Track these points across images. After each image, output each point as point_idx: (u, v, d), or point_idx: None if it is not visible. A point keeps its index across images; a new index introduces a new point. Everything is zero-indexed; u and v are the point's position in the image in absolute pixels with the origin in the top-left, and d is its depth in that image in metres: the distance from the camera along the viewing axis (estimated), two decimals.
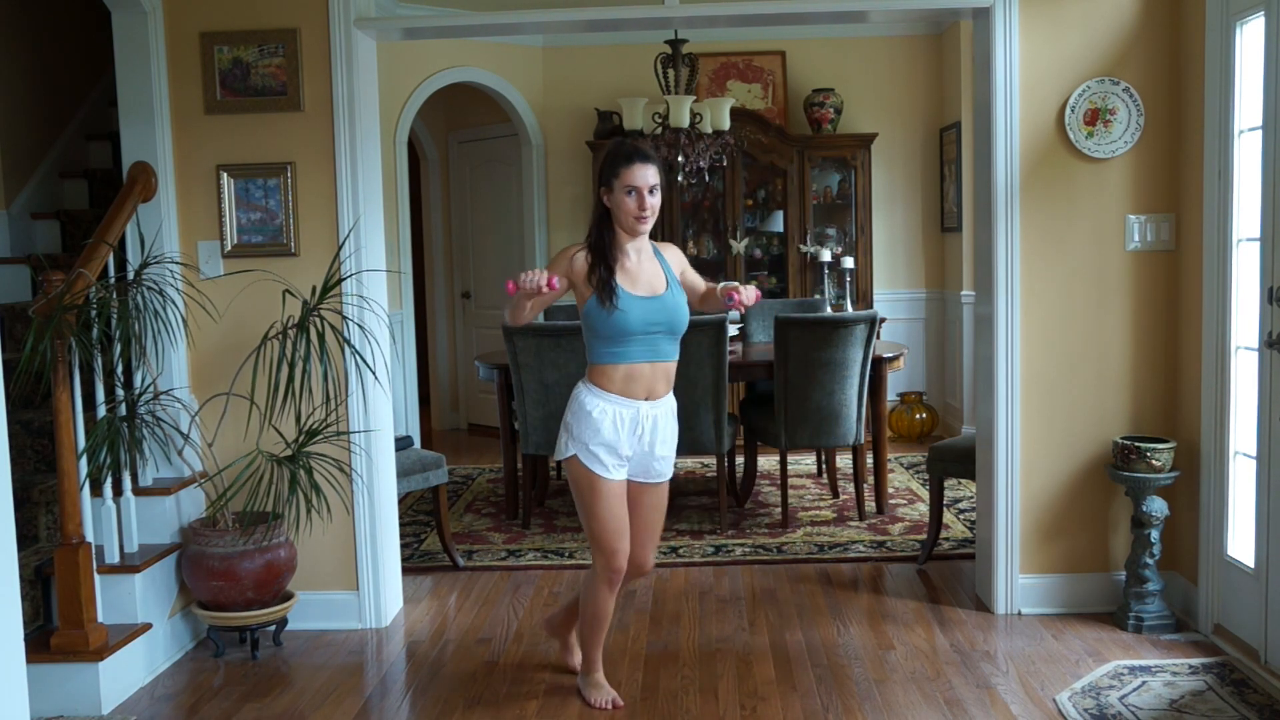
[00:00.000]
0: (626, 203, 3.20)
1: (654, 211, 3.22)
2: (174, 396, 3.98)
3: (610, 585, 3.37)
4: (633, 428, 3.25)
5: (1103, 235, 4.05)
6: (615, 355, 3.23)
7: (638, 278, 3.25)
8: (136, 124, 4.04)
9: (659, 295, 3.25)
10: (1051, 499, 4.13)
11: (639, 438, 3.27)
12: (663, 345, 3.27)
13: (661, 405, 3.32)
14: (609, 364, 3.25)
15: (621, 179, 3.20)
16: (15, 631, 2.40)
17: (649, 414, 3.28)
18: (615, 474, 3.27)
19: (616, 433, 3.23)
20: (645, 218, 3.21)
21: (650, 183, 3.20)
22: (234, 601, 3.84)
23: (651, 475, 3.36)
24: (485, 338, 8.28)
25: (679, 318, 3.27)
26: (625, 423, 3.24)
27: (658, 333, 3.24)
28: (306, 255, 4.11)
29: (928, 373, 7.89)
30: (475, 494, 6.37)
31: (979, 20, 4.09)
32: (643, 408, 3.26)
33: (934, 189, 7.80)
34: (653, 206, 3.21)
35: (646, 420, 3.27)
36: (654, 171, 3.21)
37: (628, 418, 3.24)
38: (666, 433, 3.34)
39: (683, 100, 6.01)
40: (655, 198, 3.21)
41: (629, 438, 3.25)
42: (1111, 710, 3.27)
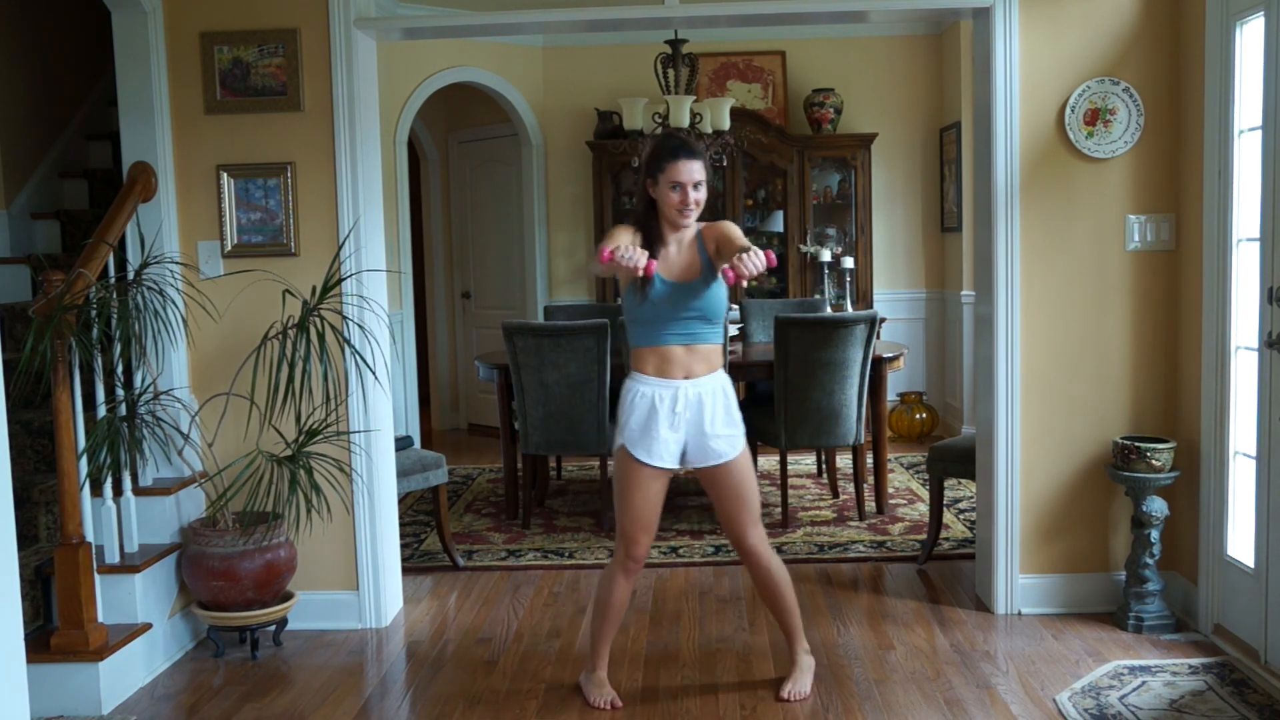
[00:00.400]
0: (670, 197, 3.28)
1: (699, 205, 3.30)
2: (174, 396, 3.98)
3: (626, 573, 3.40)
4: (671, 406, 3.29)
5: (1103, 235, 4.05)
6: (649, 338, 3.33)
7: (674, 264, 3.32)
8: (136, 124, 4.04)
9: (690, 282, 3.30)
10: (1051, 499, 4.13)
11: (683, 417, 3.30)
12: (697, 329, 3.32)
13: (704, 383, 3.33)
14: (644, 347, 3.34)
15: (667, 174, 3.27)
16: (15, 631, 2.40)
17: (690, 392, 3.31)
18: (653, 459, 3.30)
19: (654, 414, 3.29)
20: (688, 213, 3.28)
21: (695, 179, 3.27)
22: (234, 601, 3.84)
23: (711, 456, 3.35)
24: (485, 338, 8.28)
25: (711, 304, 3.31)
26: (665, 403, 3.29)
27: (689, 317, 3.30)
28: (306, 255, 4.11)
29: (928, 373, 7.90)
30: (475, 494, 6.37)
31: (979, 20, 4.09)
32: (682, 386, 3.30)
33: (934, 189, 7.80)
34: (697, 201, 3.28)
35: (688, 398, 3.30)
36: (699, 167, 3.28)
37: (667, 398, 3.30)
38: (716, 410, 3.34)
39: (683, 100, 6.01)
40: (700, 193, 3.29)
41: (668, 416, 3.29)
42: (1111, 710, 3.27)
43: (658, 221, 3.34)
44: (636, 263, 3.03)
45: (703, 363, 3.34)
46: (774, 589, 3.48)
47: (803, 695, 3.45)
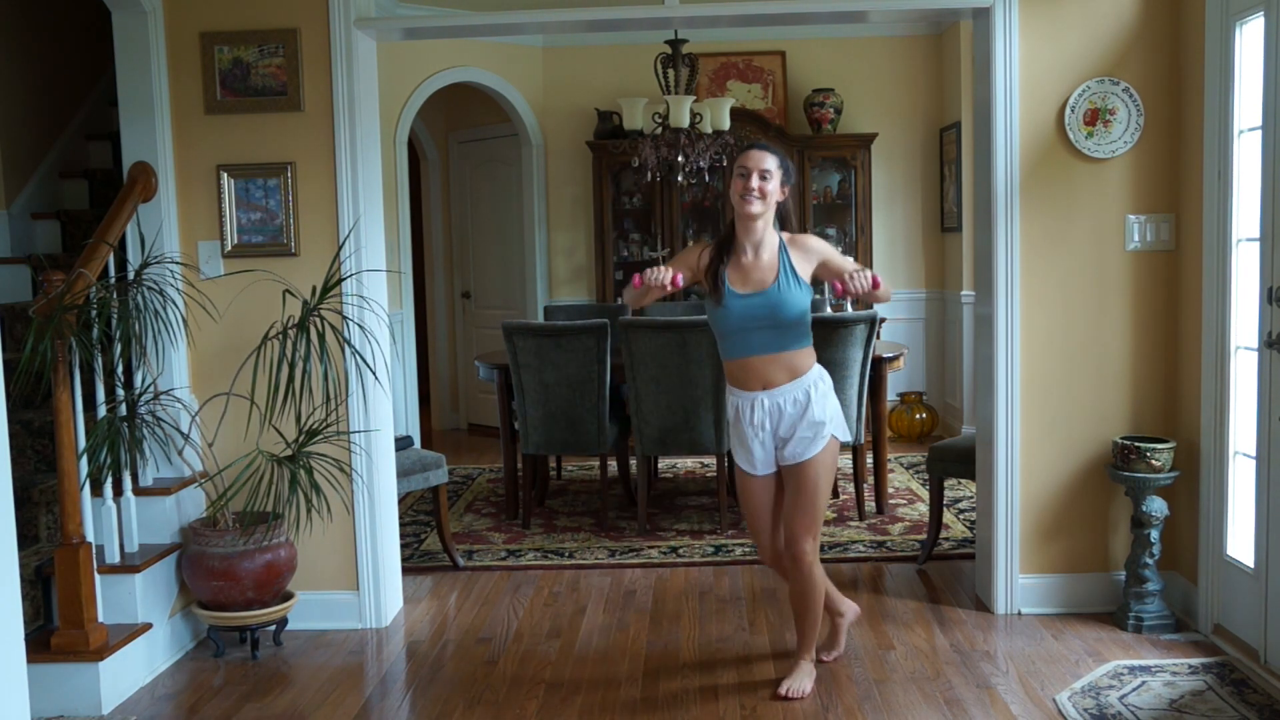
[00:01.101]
0: (736, 183, 3.35)
1: (763, 195, 3.32)
2: (174, 396, 3.98)
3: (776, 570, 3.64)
4: (749, 418, 3.39)
5: (1103, 235, 4.05)
6: (727, 349, 3.44)
7: (749, 275, 3.37)
8: (136, 124, 4.04)
9: (762, 291, 3.34)
10: (1051, 499, 4.13)
11: (760, 425, 3.39)
12: (768, 338, 3.36)
13: (784, 392, 3.38)
14: (726, 359, 3.46)
15: (738, 163, 3.37)
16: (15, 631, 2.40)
17: (767, 403, 3.38)
18: (754, 469, 3.46)
19: (739, 425, 3.42)
20: (751, 198, 3.31)
21: (762, 166, 3.32)
22: (234, 601, 3.84)
23: (787, 459, 3.43)
24: (485, 338, 8.28)
25: (781, 311, 3.34)
26: (745, 415, 3.40)
27: (760, 328, 3.34)
28: (306, 255, 4.11)
29: (928, 373, 7.89)
30: (475, 494, 6.37)
31: (979, 20, 4.09)
32: (759, 398, 3.38)
33: (934, 189, 7.80)
34: (761, 189, 3.31)
35: (765, 408, 3.38)
36: (770, 159, 3.34)
37: (746, 410, 3.40)
38: (797, 417, 3.38)
39: (683, 100, 6.01)
40: (768, 183, 3.33)
41: (749, 430, 3.40)
42: (1111, 710, 3.27)
43: (735, 232, 3.40)
44: (663, 281, 3.17)
45: (783, 371, 3.37)
46: (807, 599, 3.52)
47: (802, 694, 3.46)
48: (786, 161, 3.39)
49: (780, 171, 3.35)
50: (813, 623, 3.53)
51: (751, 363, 3.37)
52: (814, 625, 3.54)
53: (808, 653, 3.56)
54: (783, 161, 3.37)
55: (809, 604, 3.51)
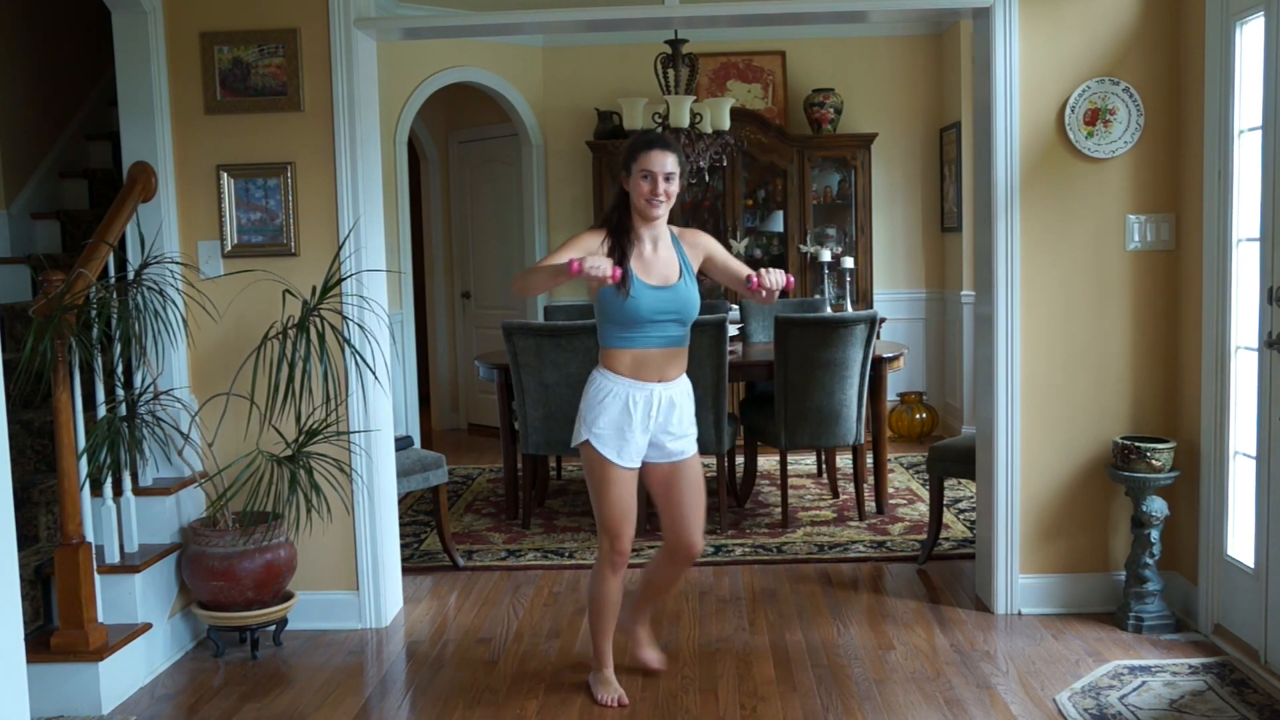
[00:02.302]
0: (641, 186, 3.29)
1: (668, 198, 3.30)
2: (174, 396, 3.98)
3: (614, 568, 3.44)
4: (646, 409, 3.34)
5: (1103, 235, 4.05)
6: (626, 340, 3.33)
7: (652, 267, 3.34)
8: (136, 124, 4.04)
9: (671, 285, 3.33)
10: (1051, 499, 4.13)
11: (652, 418, 3.35)
12: (673, 331, 3.35)
13: (675, 386, 3.39)
14: (620, 348, 3.35)
15: (639, 163, 3.29)
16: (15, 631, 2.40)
17: (663, 395, 3.36)
18: (624, 460, 3.35)
19: (628, 415, 3.33)
20: (657, 202, 3.29)
21: (667, 170, 3.28)
22: (234, 601, 3.84)
23: (674, 455, 3.42)
24: (485, 338, 8.28)
25: (689, 308, 3.35)
26: (639, 405, 3.33)
27: (668, 320, 3.33)
28: (306, 255, 4.11)
29: (928, 373, 7.89)
30: (475, 494, 6.37)
31: (979, 20, 4.09)
32: (656, 389, 3.35)
33: (934, 189, 7.80)
34: (667, 192, 3.28)
35: (660, 401, 3.36)
36: (673, 160, 3.29)
37: (641, 400, 3.33)
38: (683, 412, 3.41)
39: (683, 100, 6.01)
40: (672, 184, 3.30)
41: (642, 419, 3.34)
42: (1111, 710, 3.27)
43: (631, 220, 3.35)
44: (604, 272, 3.07)
45: (676, 365, 3.39)
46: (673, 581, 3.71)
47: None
48: (683, 160, 3.38)
49: (679, 170, 3.32)
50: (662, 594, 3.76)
51: (653, 355, 3.33)
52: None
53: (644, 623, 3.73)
54: (681, 159, 3.35)
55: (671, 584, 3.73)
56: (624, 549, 3.42)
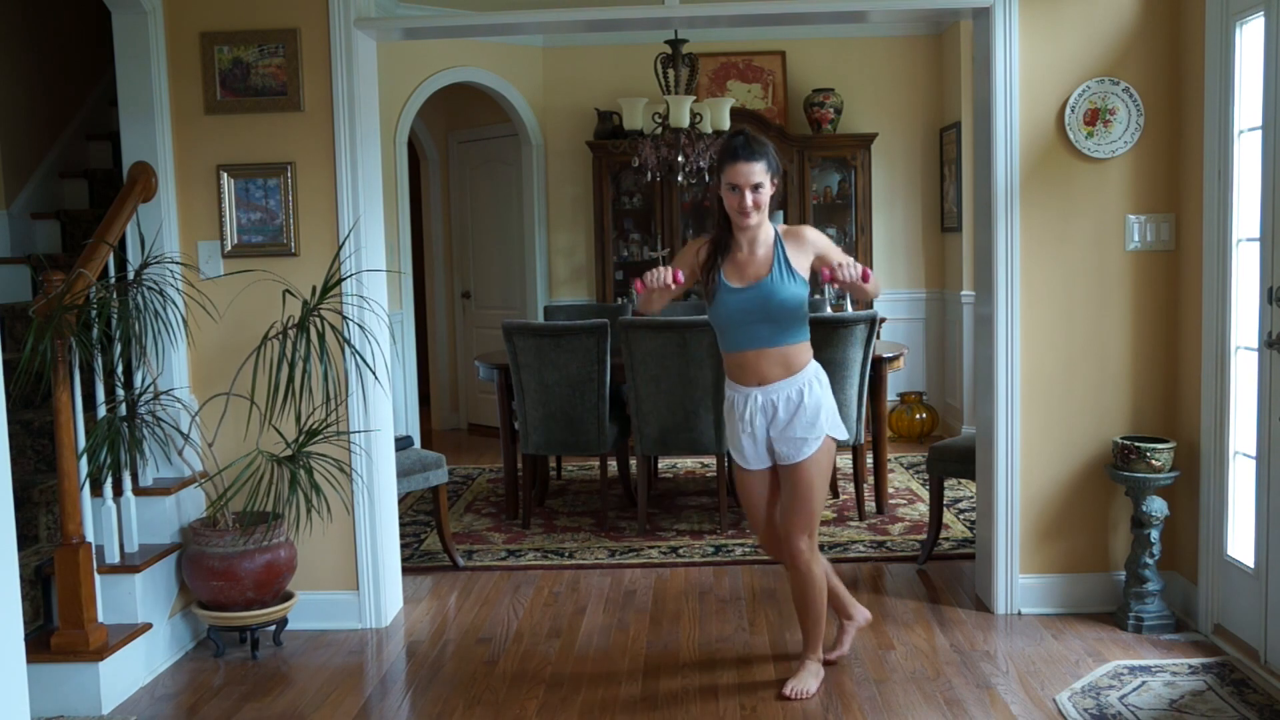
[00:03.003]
0: (730, 199, 3.32)
1: (758, 207, 3.30)
2: (174, 396, 3.98)
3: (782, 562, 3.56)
4: (743, 413, 3.39)
5: (1103, 235, 4.05)
6: (724, 344, 3.45)
7: (745, 269, 3.36)
8: (136, 124, 4.04)
9: (756, 283, 3.32)
10: (1051, 499, 4.13)
11: (754, 423, 3.39)
12: (762, 332, 3.34)
13: (779, 389, 3.37)
14: (724, 352, 3.46)
15: (726, 176, 3.30)
16: (15, 631, 2.40)
17: (760, 399, 3.38)
18: (750, 464, 3.46)
19: (733, 420, 3.42)
20: (748, 214, 3.30)
21: (751, 181, 3.26)
22: (234, 601, 3.84)
23: (780, 458, 3.43)
24: (485, 338, 8.28)
25: (773, 304, 3.31)
26: (739, 410, 3.40)
27: (754, 321, 3.33)
28: (306, 255, 4.11)
29: (928, 373, 7.89)
30: (475, 494, 6.37)
31: (979, 20, 4.09)
32: (754, 394, 3.38)
33: (934, 189, 7.80)
34: (756, 202, 3.28)
35: (760, 404, 3.37)
36: (759, 169, 3.26)
37: (740, 405, 3.40)
38: (792, 416, 3.36)
39: (683, 100, 6.01)
40: (760, 194, 3.29)
41: (743, 424, 3.40)
42: (1111, 710, 3.27)
43: (730, 225, 3.37)
44: (665, 281, 3.19)
45: (778, 365, 3.36)
46: (806, 596, 3.51)
47: (806, 694, 3.46)
48: (773, 159, 3.31)
49: (769, 175, 3.28)
50: (815, 621, 3.52)
51: (746, 356, 3.36)
52: (816, 624, 3.53)
53: (814, 652, 3.56)
54: (769, 163, 3.28)
55: (809, 602, 3.50)
56: (763, 543, 3.61)
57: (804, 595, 3.51)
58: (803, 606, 3.53)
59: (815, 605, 3.51)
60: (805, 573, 3.46)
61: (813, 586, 3.48)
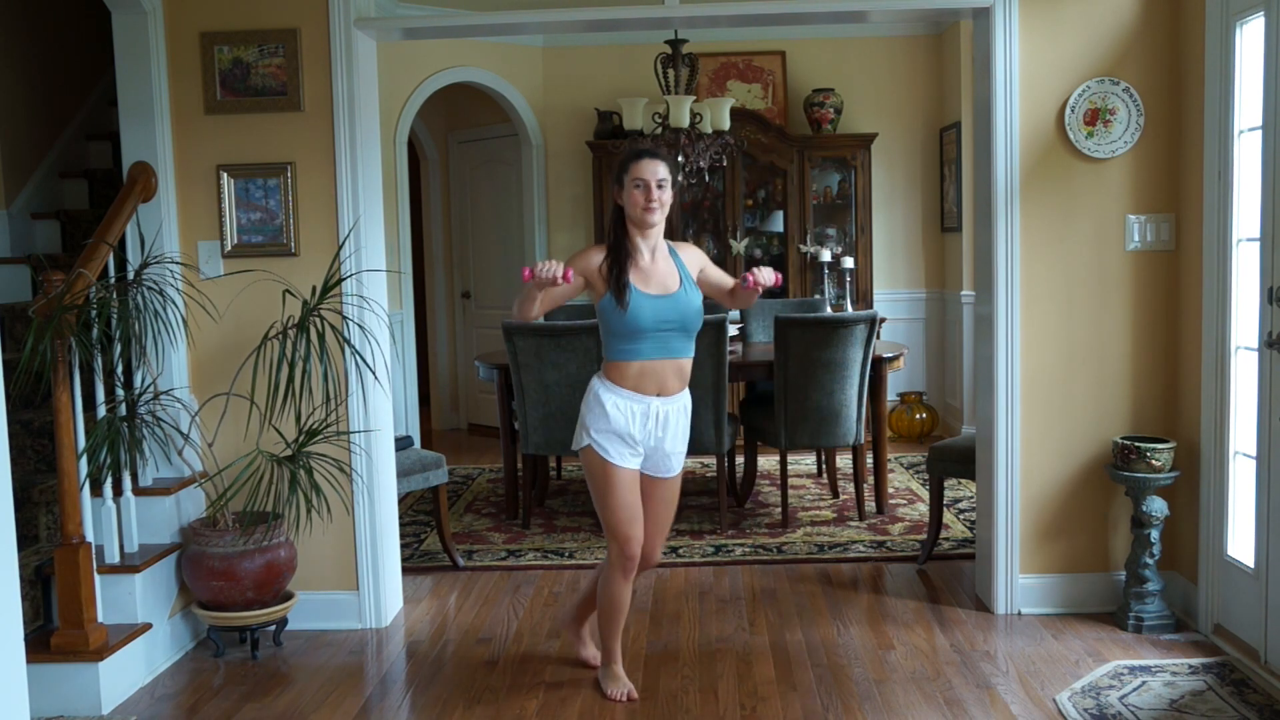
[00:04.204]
0: (635, 195, 3.31)
1: (662, 205, 3.32)
2: (174, 396, 3.98)
3: (625, 573, 3.44)
4: (643, 422, 3.33)
5: (1103, 235, 4.05)
6: (628, 352, 3.32)
7: (650, 277, 3.34)
8: (136, 124, 4.04)
9: (671, 294, 3.33)
10: (1051, 499, 4.13)
11: (649, 432, 3.35)
12: (674, 342, 3.34)
13: (674, 401, 3.38)
14: (622, 360, 3.34)
15: (630, 174, 3.32)
16: (15, 631, 2.40)
17: (660, 409, 3.35)
18: (628, 462, 3.36)
19: (628, 424, 3.33)
20: (653, 209, 3.30)
21: (659, 177, 3.30)
22: (234, 601, 3.84)
23: (661, 470, 3.43)
24: (485, 338, 8.28)
25: (690, 316, 3.35)
26: (636, 417, 3.32)
27: (669, 330, 3.32)
28: (306, 255, 4.11)
29: (928, 373, 7.89)
30: (475, 494, 6.37)
31: (979, 20, 4.09)
32: (654, 403, 3.34)
33: (934, 189, 7.80)
34: (660, 199, 3.30)
35: (658, 415, 3.35)
36: (662, 167, 3.32)
37: (638, 413, 3.33)
38: (678, 429, 3.41)
39: (683, 100, 6.00)
40: (664, 191, 3.31)
41: (640, 432, 3.34)
42: (1111, 710, 3.27)
43: (628, 233, 3.35)
44: (554, 273, 3.12)
45: (677, 377, 3.38)
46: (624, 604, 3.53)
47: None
48: (674, 168, 3.41)
49: (671, 178, 3.34)
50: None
51: (655, 366, 3.32)
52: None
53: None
54: (671, 168, 3.37)
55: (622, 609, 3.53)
56: (634, 553, 3.40)
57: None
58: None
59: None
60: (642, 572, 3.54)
61: None
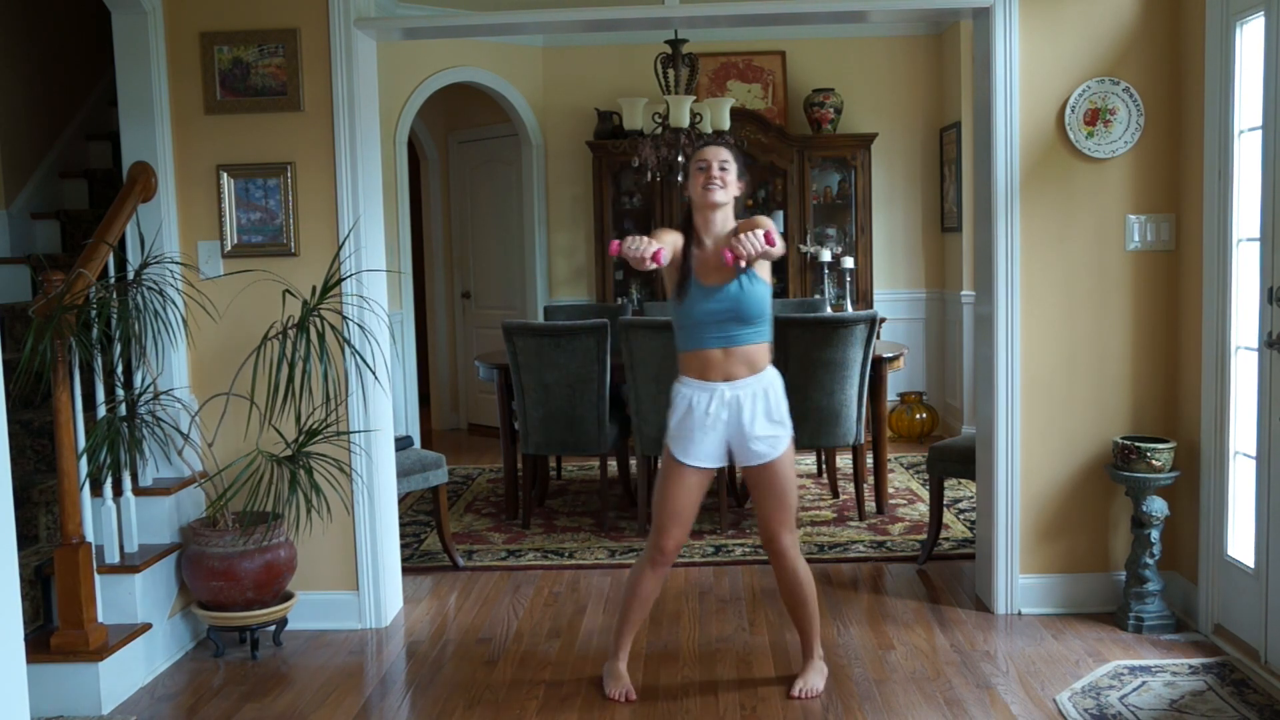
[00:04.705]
0: (698, 177, 3.35)
1: (725, 183, 3.34)
2: (174, 396, 3.98)
3: (653, 563, 3.48)
4: (705, 408, 3.35)
5: (1103, 235, 4.05)
6: (689, 341, 3.39)
7: (710, 267, 3.35)
8: (136, 124, 4.04)
9: (725, 284, 3.32)
10: (1051, 499, 4.13)
11: (719, 418, 3.35)
12: (734, 331, 3.34)
13: (743, 386, 3.36)
14: (686, 350, 3.41)
15: (694, 162, 3.38)
16: (15, 631, 2.40)
17: (727, 394, 3.35)
18: (692, 460, 3.40)
19: (690, 416, 3.37)
20: (713, 187, 3.32)
21: (720, 158, 3.34)
22: (234, 601, 3.84)
23: (752, 457, 3.40)
24: (485, 338, 8.28)
25: (745, 305, 3.32)
26: (700, 405, 3.36)
27: (724, 320, 3.33)
28: (306, 255, 4.11)
29: (928, 373, 7.89)
30: (475, 494, 6.37)
31: (979, 20, 4.09)
32: (719, 389, 3.35)
33: (934, 189, 7.80)
34: (722, 178, 3.33)
35: (724, 400, 3.34)
36: (725, 151, 3.37)
37: (703, 400, 3.36)
38: (756, 412, 3.36)
39: (683, 100, 6.00)
40: (727, 173, 3.34)
41: (702, 419, 3.35)
42: (1111, 710, 3.27)
43: (694, 226, 3.40)
44: (643, 252, 3.06)
45: (743, 364, 3.36)
46: (798, 594, 3.51)
47: (815, 692, 3.47)
48: (740, 158, 3.42)
49: (736, 165, 3.37)
50: (809, 618, 3.53)
51: (714, 354, 3.34)
52: (812, 621, 3.54)
53: (814, 648, 3.56)
54: (737, 156, 3.39)
55: (801, 599, 3.51)
56: (666, 546, 3.45)
57: (795, 593, 3.50)
58: (795, 604, 3.53)
59: (808, 602, 3.51)
60: (793, 570, 3.48)
61: (802, 584, 3.49)
